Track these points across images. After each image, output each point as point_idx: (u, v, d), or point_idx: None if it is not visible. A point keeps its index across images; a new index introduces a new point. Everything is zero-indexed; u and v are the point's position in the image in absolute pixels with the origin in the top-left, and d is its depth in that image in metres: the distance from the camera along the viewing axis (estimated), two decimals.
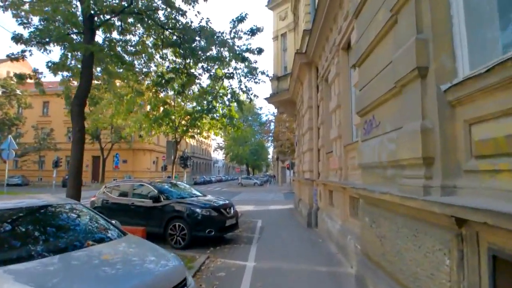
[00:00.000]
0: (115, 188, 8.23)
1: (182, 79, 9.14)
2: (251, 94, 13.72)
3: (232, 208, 7.50)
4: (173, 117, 13.38)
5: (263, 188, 38.94)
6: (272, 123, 29.27)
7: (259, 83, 13.62)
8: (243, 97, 13.74)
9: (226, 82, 13.93)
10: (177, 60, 8.61)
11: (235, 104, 13.85)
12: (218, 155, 78.86)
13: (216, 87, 13.67)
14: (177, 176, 40.54)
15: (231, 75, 12.65)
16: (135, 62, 8.36)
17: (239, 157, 44.30)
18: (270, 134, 30.48)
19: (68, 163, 39.39)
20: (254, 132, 55.14)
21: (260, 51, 8.78)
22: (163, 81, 8.25)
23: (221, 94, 13.93)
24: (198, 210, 6.73)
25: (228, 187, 38.97)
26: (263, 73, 13.55)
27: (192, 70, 9.72)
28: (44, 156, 43.37)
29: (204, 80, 47.15)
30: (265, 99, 14.61)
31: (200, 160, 70.40)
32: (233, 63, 13.04)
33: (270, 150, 78.14)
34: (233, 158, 46.39)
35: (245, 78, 13.59)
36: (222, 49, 8.61)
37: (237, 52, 8.43)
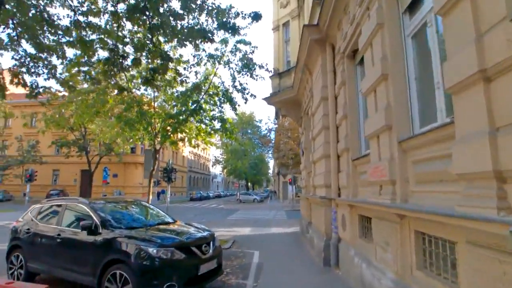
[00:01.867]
0: (42, 211, 5.61)
1: (152, 61, 6.69)
2: (247, 94, 11.35)
3: (212, 243, 4.85)
4: (152, 120, 10.84)
5: (263, 204, 36.03)
6: (273, 132, 26.45)
7: (256, 79, 11.19)
8: (237, 97, 11.34)
9: (216, 79, 11.57)
10: (139, 30, 6.14)
11: (228, 105, 11.41)
12: (217, 170, 76.06)
13: (205, 84, 11.25)
14: (165, 191, 37.83)
15: (219, 59, 10.21)
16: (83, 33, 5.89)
17: (238, 172, 41.50)
18: (271, 145, 27.50)
19: (55, 177, 36.67)
20: (254, 146, 52.78)
21: (256, 16, 6.30)
22: (119, 58, 5.75)
23: (211, 93, 11.47)
24: (151, 249, 4.08)
25: (225, 204, 36.06)
26: (261, 66, 11.21)
27: (169, 52, 7.31)
28: (36, 171, 40.82)
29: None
30: (265, 99, 12.15)
31: (198, 175, 67.62)
32: (224, 49, 10.80)
33: (271, 164, 75.56)
34: (231, 172, 43.58)
35: (239, 73, 11.28)
36: (205, 17, 6.18)
37: (225, 20, 5.98)
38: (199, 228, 5.28)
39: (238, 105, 11.52)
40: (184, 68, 10.64)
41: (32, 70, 6.80)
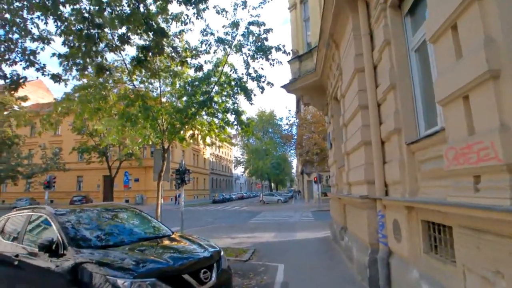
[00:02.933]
0: (8, 223, 4.46)
1: (141, 34, 5.45)
2: (264, 82, 9.92)
3: (216, 266, 3.47)
4: (159, 115, 9.66)
5: (287, 205, 34.43)
6: (294, 128, 24.43)
7: (273, 64, 9.74)
8: (253, 86, 9.94)
9: (228, 68, 10.22)
10: None
11: (242, 96, 10.03)
12: (240, 171, 75.11)
13: (215, 74, 9.95)
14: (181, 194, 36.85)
15: (230, 44, 8.95)
16: None
17: (260, 172, 40.03)
18: (293, 141, 25.54)
19: (79, 184, 37.05)
20: (276, 145, 51.21)
21: None
22: (94, 27, 4.51)
23: (222, 83, 10.14)
24: (122, 282, 2.77)
25: (248, 205, 34.79)
26: (278, 49, 9.72)
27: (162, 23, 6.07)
28: (55, 178, 41.44)
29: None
30: (284, 86, 10.69)
31: (220, 177, 66.97)
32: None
33: (294, 163, 73.59)
34: (253, 173, 42.15)
35: (253, 59, 9.87)
36: None
37: None
38: (201, 245, 3.90)
39: (254, 95, 10.08)
40: (192, 56, 9.41)
41: (6, 57, 5.76)
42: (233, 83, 10.03)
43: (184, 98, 9.95)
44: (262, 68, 8.93)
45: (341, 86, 7.07)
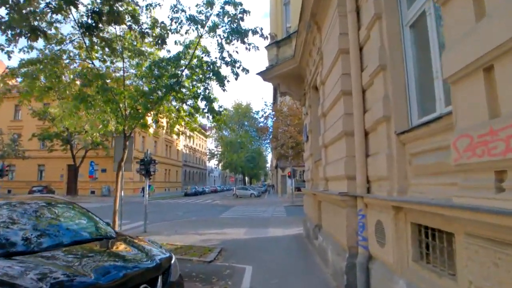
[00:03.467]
0: None
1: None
2: (238, 67, 9.15)
3: (160, 280, 2.73)
4: (122, 99, 8.64)
5: (260, 200, 34.03)
6: (270, 120, 23.65)
7: (249, 48, 8.97)
8: (227, 73, 9.13)
9: (199, 52, 9.32)
10: None
11: (215, 82, 9.22)
12: (214, 164, 73.90)
13: (186, 56, 9.05)
14: (152, 187, 35.43)
15: (203, 23, 8.20)
16: None
17: (234, 165, 39.26)
18: (268, 134, 24.75)
19: (40, 173, 34.50)
20: (251, 138, 50.59)
21: None
22: None
23: (193, 67, 9.25)
24: None
25: (221, 199, 34.00)
26: (255, 32, 8.93)
27: None
28: (15, 165, 38.35)
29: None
30: (260, 73, 9.99)
31: (194, 170, 65.51)
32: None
33: (269, 158, 73.39)
34: (227, 166, 41.31)
35: (228, 41, 9.04)
36: None
37: None
38: (147, 251, 3.12)
39: (228, 81, 9.28)
40: (159, 37, 8.43)
41: None
42: (205, 67, 9.16)
43: (148, 80, 8.97)
44: (237, 52, 8.18)
45: (321, 72, 6.47)
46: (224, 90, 9.36)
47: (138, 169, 11.65)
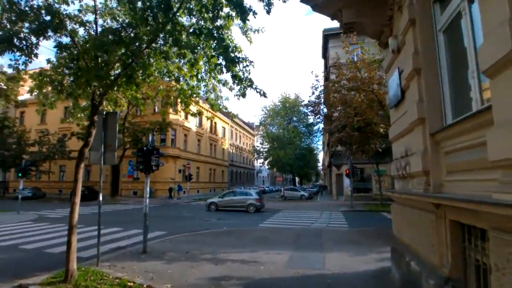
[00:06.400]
0: None
1: None
2: None
3: None
4: (90, 49, 5.28)
5: (312, 202, 29.55)
6: (321, 93, 17.48)
7: None
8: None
9: None
10: None
11: (232, 12, 5.49)
12: (261, 163, 70.76)
13: None
14: (175, 187, 32.74)
15: None
16: None
17: (281, 163, 35.15)
18: (319, 116, 19.28)
19: (87, 173, 33.73)
20: (301, 135, 46.13)
21: None
22: None
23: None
24: None
25: (267, 201, 30.17)
26: None
27: None
28: (65, 166, 38.92)
29: None
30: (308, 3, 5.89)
31: (241, 169, 62.93)
32: None
33: (320, 156, 67.67)
34: (273, 163, 37.30)
35: None
36: None
37: None
38: None
39: (254, 13, 5.34)
40: None
41: None
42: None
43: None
44: None
45: None
46: (245, 23, 5.49)
47: (136, 164, 8.36)
